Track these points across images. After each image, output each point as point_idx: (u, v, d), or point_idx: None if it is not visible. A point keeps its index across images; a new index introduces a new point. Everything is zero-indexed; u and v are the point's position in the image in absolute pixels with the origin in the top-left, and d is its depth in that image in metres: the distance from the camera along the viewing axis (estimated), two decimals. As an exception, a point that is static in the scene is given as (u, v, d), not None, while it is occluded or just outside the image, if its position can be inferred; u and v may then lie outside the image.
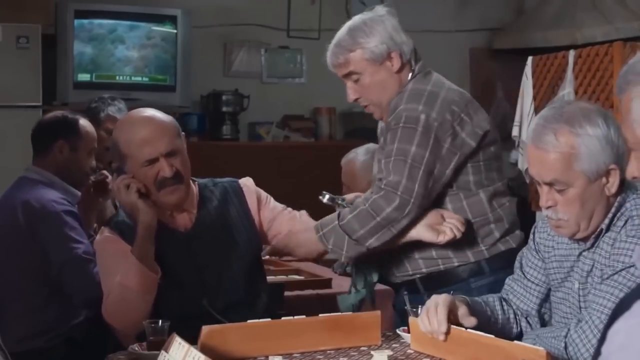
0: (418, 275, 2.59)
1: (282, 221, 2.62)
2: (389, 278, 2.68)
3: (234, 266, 2.50)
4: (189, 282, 2.45)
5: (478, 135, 2.52)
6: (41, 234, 2.95)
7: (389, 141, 2.49)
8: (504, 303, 2.26)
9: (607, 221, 2.00)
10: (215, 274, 2.48)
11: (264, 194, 2.66)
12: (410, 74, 2.60)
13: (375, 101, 2.60)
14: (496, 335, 2.00)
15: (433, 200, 2.50)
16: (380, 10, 2.61)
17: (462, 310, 2.05)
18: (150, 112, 2.49)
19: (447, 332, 2.03)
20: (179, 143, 2.46)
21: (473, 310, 2.10)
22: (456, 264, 2.54)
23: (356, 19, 2.61)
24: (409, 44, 2.60)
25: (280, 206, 2.66)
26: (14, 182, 3.17)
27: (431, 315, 2.04)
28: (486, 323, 2.14)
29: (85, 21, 5.35)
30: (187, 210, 2.51)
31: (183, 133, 2.51)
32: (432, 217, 2.48)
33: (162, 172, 2.40)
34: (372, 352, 2.07)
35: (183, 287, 2.44)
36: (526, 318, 2.25)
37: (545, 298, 2.23)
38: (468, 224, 2.51)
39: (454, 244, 2.49)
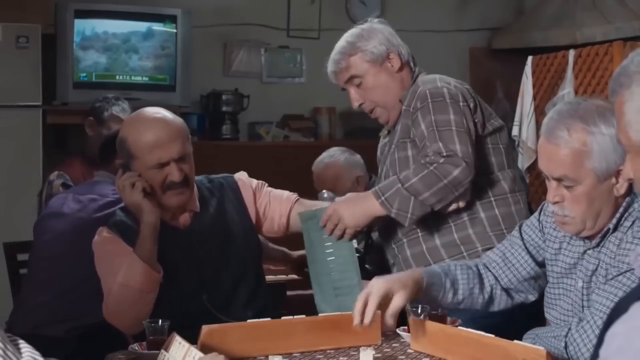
0: None
1: (277, 203, 2.64)
2: None
3: (233, 262, 2.51)
4: (189, 278, 2.45)
5: (491, 117, 2.63)
6: None
7: (422, 118, 2.51)
8: (470, 272, 2.21)
9: (614, 221, 1.99)
10: (215, 270, 2.48)
11: (256, 181, 2.67)
12: (411, 75, 2.69)
13: (381, 103, 2.66)
14: (455, 306, 2.04)
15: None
16: (374, 20, 2.73)
17: (396, 302, 2.02)
18: (162, 113, 2.46)
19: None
20: (189, 147, 2.45)
21: (426, 288, 2.08)
22: (480, 248, 2.53)
23: (352, 29, 2.72)
24: (406, 48, 2.71)
25: (275, 190, 2.67)
26: (84, 184, 3.25)
27: (359, 303, 2.02)
28: (440, 296, 2.14)
29: (85, 22, 5.34)
30: (189, 209, 2.51)
31: (190, 135, 2.50)
32: None
33: (171, 176, 2.39)
34: (361, 349, 2.06)
35: (183, 283, 2.44)
36: (507, 291, 2.23)
37: (535, 277, 2.22)
38: (489, 202, 2.56)
39: (475, 225, 2.54)
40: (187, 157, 2.43)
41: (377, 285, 2.03)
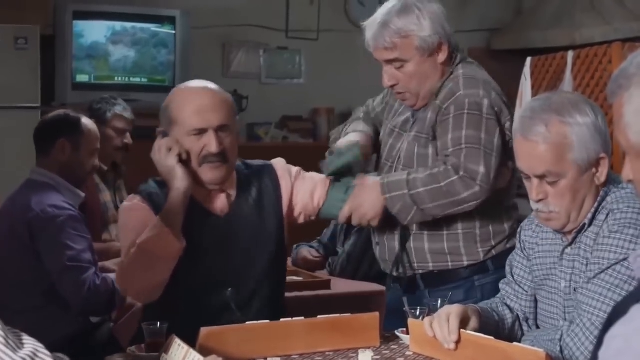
0: (421, 271, 2.56)
1: (311, 184, 2.55)
2: (389, 269, 2.63)
3: (262, 257, 2.42)
4: (216, 268, 2.36)
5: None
6: (37, 240, 2.92)
7: (452, 128, 2.41)
8: (506, 307, 2.24)
9: (589, 216, 1.99)
10: (244, 264, 2.39)
11: (295, 169, 2.58)
12: (450, 63, 2.53)
13: (414, 90, 2.50)
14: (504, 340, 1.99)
15: None
16: None
17: (472, 325, 2.04)
18: (210, 84, 2.41)
19: (457, 341, 2.00)
20: (232, 122, 2.39)
21: (483, 322, 2.09)
22: (465, 263, 2.51)
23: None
24: (453, 32, 2.53)
25: (315, 175, 2.59)
26: (21, 184, 3.13)
27: (442, 323, 2.01)
28: (494, 330, 2.11)
29: (83, 23, 5.35)
30: (225, 192, 2.42)
31: (237, 117, 2.43)
32: None
33: (209, 146, 2.32)
34: (359, 351, 2.06)
35: (209, 273, 2.35)
36: (527, 321, 2.23)
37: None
38: (487, 217, 2.50)
39: (467, 239, 2.50)
40: (228, 130, 2.36)
41: (456, 306, 2.05)
